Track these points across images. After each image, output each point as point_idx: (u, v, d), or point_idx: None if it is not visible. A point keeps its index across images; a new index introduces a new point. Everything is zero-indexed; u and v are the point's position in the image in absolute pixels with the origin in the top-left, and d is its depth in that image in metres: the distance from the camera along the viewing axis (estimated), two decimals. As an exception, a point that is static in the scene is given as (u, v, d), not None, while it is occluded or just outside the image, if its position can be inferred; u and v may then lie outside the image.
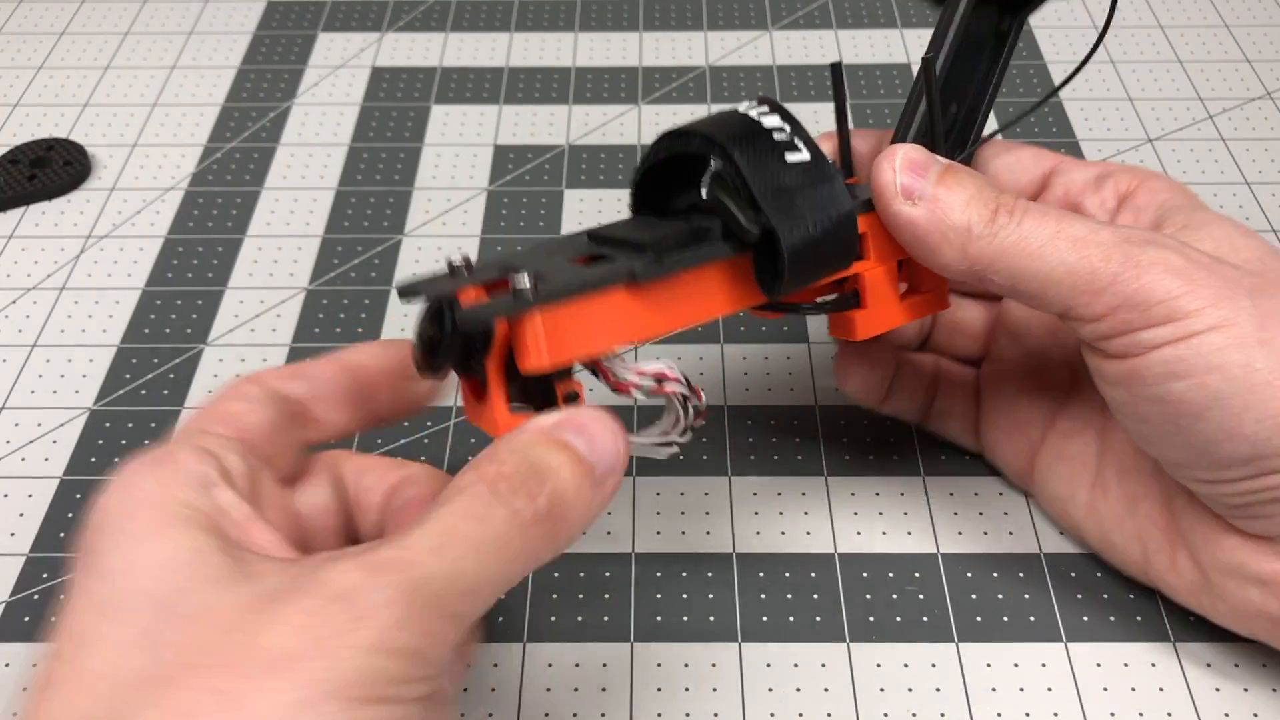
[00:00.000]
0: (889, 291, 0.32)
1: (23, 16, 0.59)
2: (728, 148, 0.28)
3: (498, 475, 0.24)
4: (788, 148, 0.29)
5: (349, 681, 0.21)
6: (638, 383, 0.29)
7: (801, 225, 0.28)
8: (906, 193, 0.29)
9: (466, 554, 0.23)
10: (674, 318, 0.29)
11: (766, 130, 0.29)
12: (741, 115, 0.30)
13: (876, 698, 0.32)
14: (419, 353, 0.27)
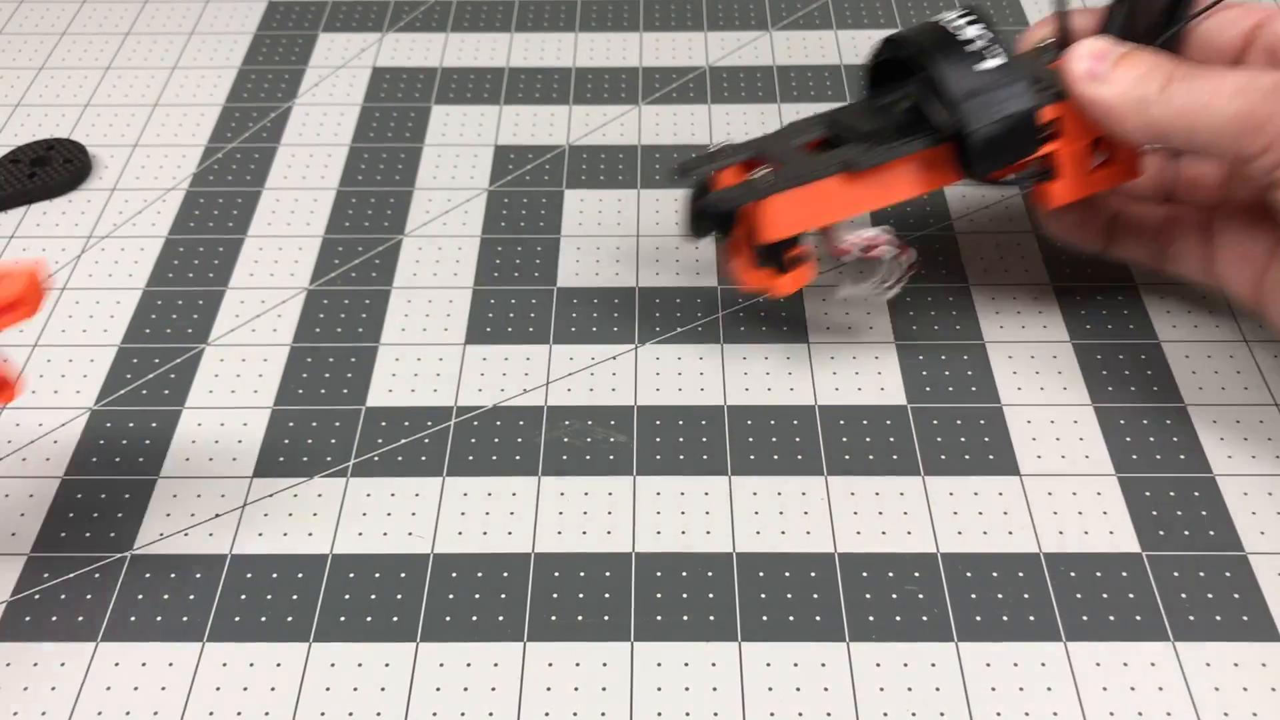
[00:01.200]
0: (1080, 166, 0.38)
1: (23, 16, 0.59)
2: (929, 58, 0.36)
3: None
4: (980, 57, 0.36)
5: None
6: (851, 246, 0.38)
7: (987, 123, 0.36)
8: (1091, 76, 0.35)
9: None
10: (882, 196, 0.37)
11: (963, 41, 0.37)
12: (943, 28, 0.37)
13: (876, 697, 0.32)
14: (687, 220, 0.38)
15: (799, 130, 0.39)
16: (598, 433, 0.39)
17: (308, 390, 0.41)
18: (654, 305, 0.44)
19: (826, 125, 0.38)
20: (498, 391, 0.41)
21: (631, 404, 0.40)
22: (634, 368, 0.41)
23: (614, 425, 0.39)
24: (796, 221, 0.37)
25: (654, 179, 0.49)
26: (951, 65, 0.36)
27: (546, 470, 0.38)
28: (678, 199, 0.48)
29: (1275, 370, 0.41)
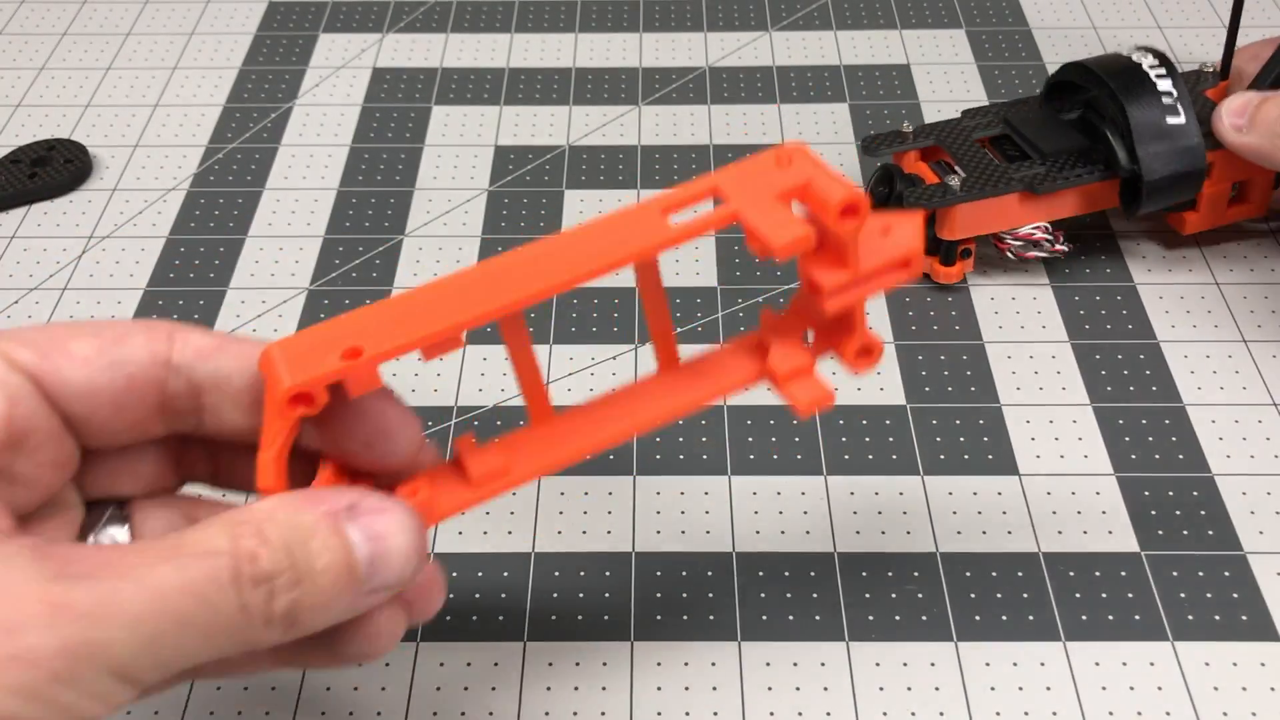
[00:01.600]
0: (1219, 203, 0.44)
1: (24, 17, 0.59)
2: (1127, 102, 0.41)
3: (251, 557, 0.21)
4: (1171, 111, 0.41)
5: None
6: (1013, 243, 0.43)
7: (1163, 173, 0.41)
8: (1235, 128, 0.40)
9: (169, 631, 0.20)
10: (1047, 212, 0.42)
11: (1159, 93, 0.41)
12: (1144, 73, 0.41)
13: (875, 696, 0.32)
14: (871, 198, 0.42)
15: (974, 121, 0.44)
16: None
17: (308, 390, 0.41)
18: (654, 305, 0.44)
19: (1000, 122, 0.44)
20: (498, 391, 0.41)
21: (631, 404, 0.40)
22: (634, 368, 0.41)
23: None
24: (976, 225, 0.42)
25: (654, 179, 0.49)
26: (1147, 117, 0.41)
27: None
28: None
29: (1274, 370, 0.41)
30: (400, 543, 0.23)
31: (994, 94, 0.53)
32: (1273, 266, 0.45)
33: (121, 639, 0.20)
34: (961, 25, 0.57)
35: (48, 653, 0.19)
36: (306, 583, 0.22)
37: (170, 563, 0.21)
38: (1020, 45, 0.56)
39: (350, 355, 0.23)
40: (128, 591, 0.20)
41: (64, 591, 0.20)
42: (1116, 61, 0.42)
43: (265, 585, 0.21)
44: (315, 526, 0.22)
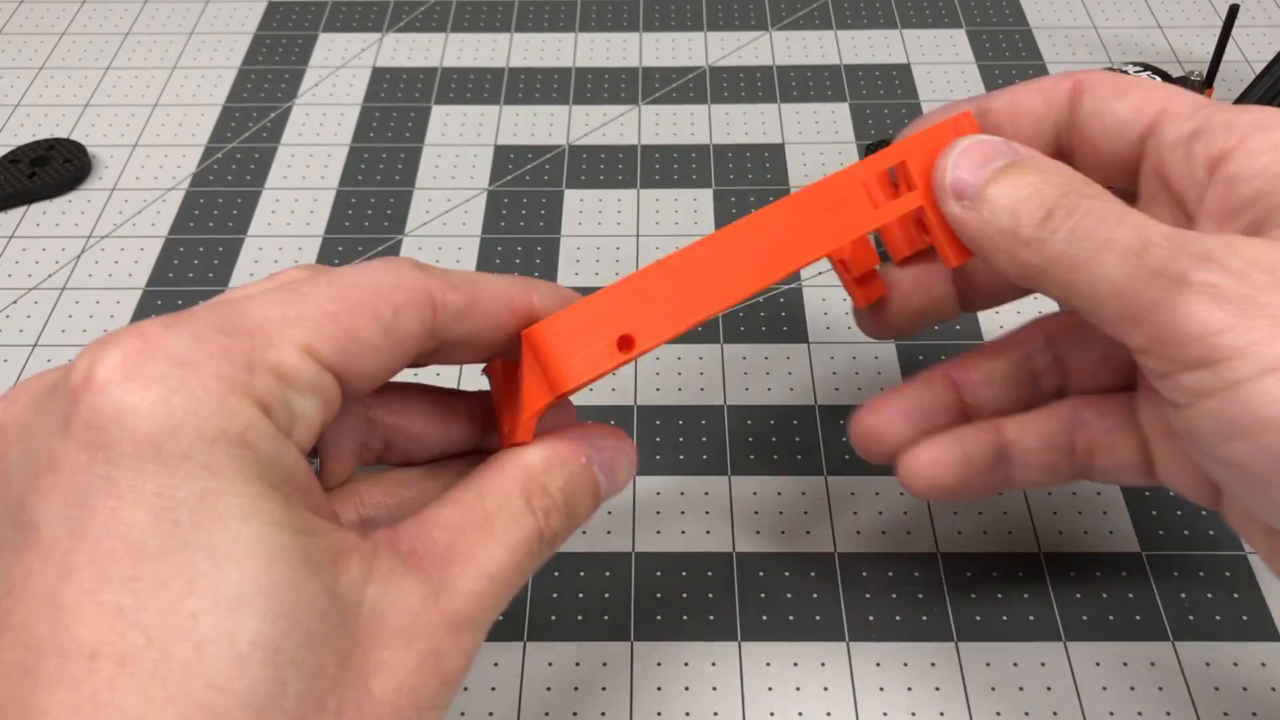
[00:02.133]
0: None
1: (23, 16, 0.59)
2: None
3: (546, 516, 0.24)
4: None
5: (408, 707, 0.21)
6: None
7: None
8: (957, 192, 0.27)
9: (505, 596, 0.23)
10: None
11: None
12: None
13: (876, 697, 0.32)
14: None
15: None
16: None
17: (308, 390, 0.41)
18: (654, 305, 0.44)
19: None
20: (498, 391, 0.41)
21: (632, 404, 0.40)
22: (634, 368, 0.41)
23: (613, 425, 0.39)
24: None
25: (654, 179, 0.49)
26: None
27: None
28: (677, 199, 0.48)
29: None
30: (625, 474, 0.26)
31: (994, 94, 0.53)
32: None
33: (486, 624, 0.23)
34: (962, 25, 0.57)
35: (461, 666, 0.22)
36: (576, 525, 0.25)
37: (498, 546, 0.23)
38: (1020, 45, 0.56)
39: (625, 346, 0.25)
40: (484, 582, 0.23)
41: (449, 605, 0.22)
42: None
43: (555, 537, 0.25)
44: (583, 477, 0.25)
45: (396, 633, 0.21)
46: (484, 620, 0.23)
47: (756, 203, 0.48)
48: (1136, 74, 0.42)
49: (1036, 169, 0.26)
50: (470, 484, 0.24)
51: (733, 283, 0.26)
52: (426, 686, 0.22)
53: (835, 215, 0.27)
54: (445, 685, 0.22)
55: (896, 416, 0.31)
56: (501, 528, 0.24)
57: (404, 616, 0.22)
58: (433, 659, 0.22)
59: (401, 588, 0.22)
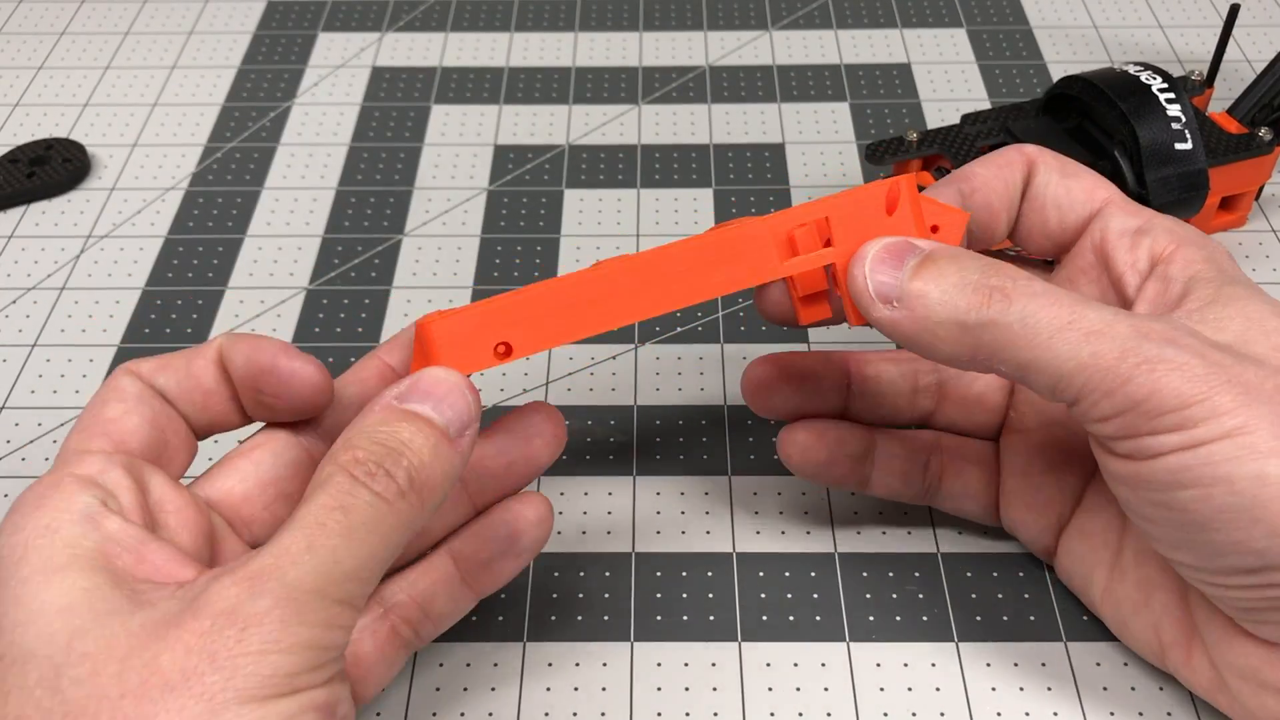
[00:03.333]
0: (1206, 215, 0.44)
1: (23, 16, 0.59)
2: (1138, 126, 0.40)
3: (353, 461, 0.25)
4: (1180, 138, 0.40)
5: (250, 685, 0.22)
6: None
7: (1168, 198, 0.40)
8: (882, 297, 0.28)
9: (338, 544, 0.24)
10: None
11: (1169, 118, 0.40)
12: (1154, 95, 0.40)
13: (876, 697, 0.32)
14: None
15: (975, 128, 0.44)
16: (598, 433, 0.39)
17: (307, 390, 0.41)
18: (654, 305, 0.43)
19: (1002, 130, 0.44)
20: (498, 391, 0.41)
21: (631, 404, 0.40)
22: (634, 368, 0.41)
23: (614, 425, 0.39)
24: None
25: (654, 179, 0.49)
26: (1157, 143, 0.40)
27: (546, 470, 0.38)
28: (677, 198, 0.48)
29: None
30: (446, 386, 0.26)
31: (995, 93, 0.53)
32: (1274, 266, 0.45)
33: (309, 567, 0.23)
34: (962, 24, 0.57)
35: (264, 608, 0.22)
36: (407, 453, 0.25)
37: (306, 504, 0.24)
38: (1021, 45, 0.56)
39: (503, 354, 0.28)
40: (286, 538, 0.24)
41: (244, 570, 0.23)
42: (1125, 80, 0.41)
43: (379, 471, 0.25)
44: (381, 418, 0.26)
45: (190, 616, 0.22)
46: (291, 564, 0.23)
47: (756, 202, 0.48)
48: (1137, 73, 0.42)
49: (949, 257, 0.28)
50: None
51: (620, 311, 0.28)
52: (225, 640, 0.22)
53: (740, 262, 0.29)
54: (248, 631, 0.22)
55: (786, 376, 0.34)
56: (307, 496, 0.25)
57: (199, 602, 0.23)
58: (226, 615, 0.22)
59: (206, 587, 0.23)
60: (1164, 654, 0.31)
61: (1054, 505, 0.33)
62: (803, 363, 0.34)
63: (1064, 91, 0.43)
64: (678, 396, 0.40)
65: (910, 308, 0.27)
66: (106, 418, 0.27)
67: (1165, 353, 0.26)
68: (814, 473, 0.34)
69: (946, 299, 0.27)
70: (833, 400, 0.34)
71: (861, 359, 0.35)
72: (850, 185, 0.48)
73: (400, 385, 0.26)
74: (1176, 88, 0.41)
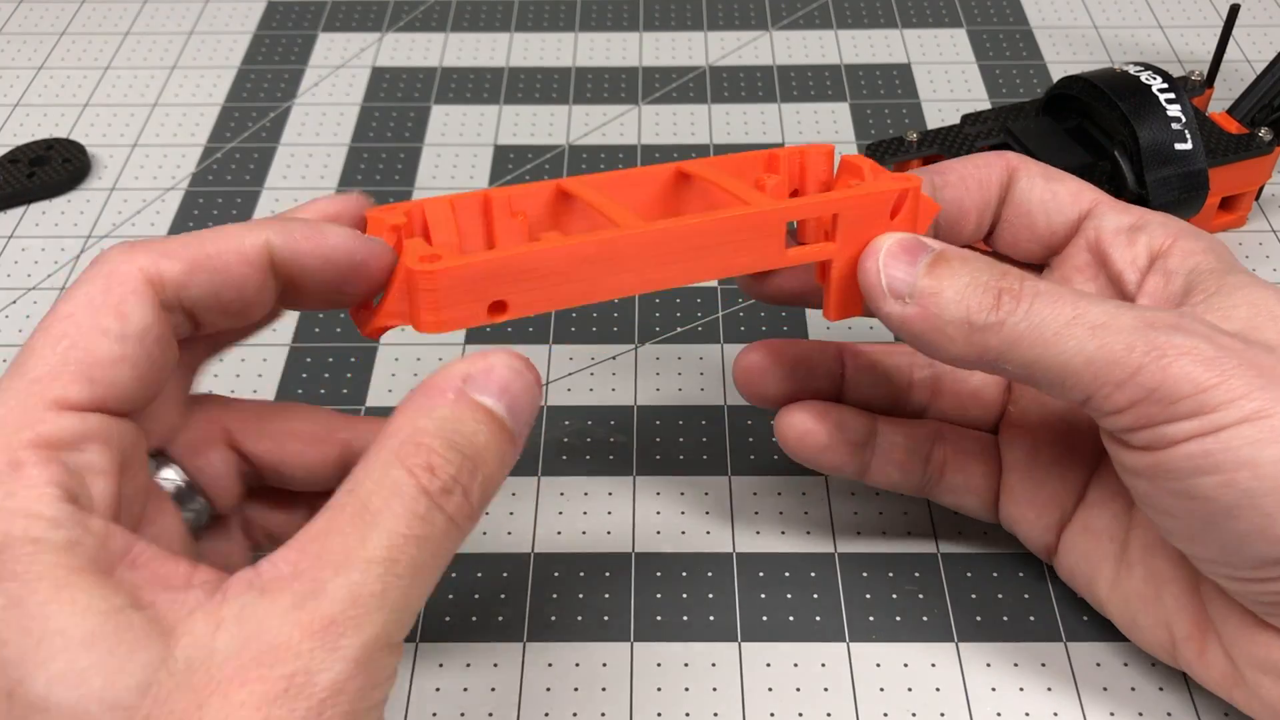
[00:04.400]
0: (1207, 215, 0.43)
1: (23, 16, 0.59)
2: (1139, 127, 0.40)
3: (428, 471, 0.22)
4: (1180, 138, 0.40)
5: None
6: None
7: (1168, 199, 0.40)
8: (894, 292, 0.28)
9: (409, 585, 0.21)
10: None
11: (1169, 118, 0.40)
12: (1154, 95, 0.40)
13: (876, 697, 0.32)
14: None
15: (975, 129, 0.44)
16: (598, 433, 0.39)
17: (307, 390, 0.41)
18: (654, 305, 0.43)
19: (1002, 131, 0.44)
20: (497, 391, 0.41)
21: (631, 404, 0.40)
22: (634, 368, 0.41)
23: (614, 425, 0.39)
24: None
25: (654, 179, 0.49)
26: (1157, 143, 0.40)
27: (546, 470, 0.38)
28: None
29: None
30: (522, 383, 0.24)
31: (995, 93, 0.53)
32: (1274, 266, 0.45)
33: (383, 619, 0.21)
34: (962, 24, 0.57)
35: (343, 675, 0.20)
36: (481, 462, 0.23)
37: (375, 528, 0.21)
38: (1021, 45, 0.56)
39: (496, 310, 0.26)
40: (360, 571, 0.21)
41: (314, 610, 0.20)
42: (1125, 80, 0.41)
43: (455, 487, 0.22)
44: (459, 412, 0.23)
45: (255, 665, 0.20)
46: (366, 616, 0.20)
47: (756, 202, 0.48)
48: (1137, 73, 0.42)
49: (961, 258, 0.28)
50: (345, 481, 0.22)
51: (623, 280, 0.27)
52: (294, 712, 0.20)
53: (749, 245, 0.28)
54: (324, 703, 0.20)
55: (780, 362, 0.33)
56: (376, 507, 0.21)
57: (262, 646, 0.20)
58: (300, 679, 0.20)
59: (259, 619, 0.20)
60: (1175, 650, 0.30)
61: (1056, 501, 0.33)
62: (796, 349, 0.33)
63: (1064, 92, 0.43)
64: (678, 396, 0.40)
65: (923, 304, 0.27)
66: (96, 358, 0.22)
67: (1174, 339, 0.25)
68: (811, 457, 0.33)
69: (959, 298, 0.27)
70: (827, 388, 0.34)
71: (856, 348, 0.34)
72: (850, 185, 0.48)
73: (470, 364, 0.23)
74: (1176, 88, 0.41)
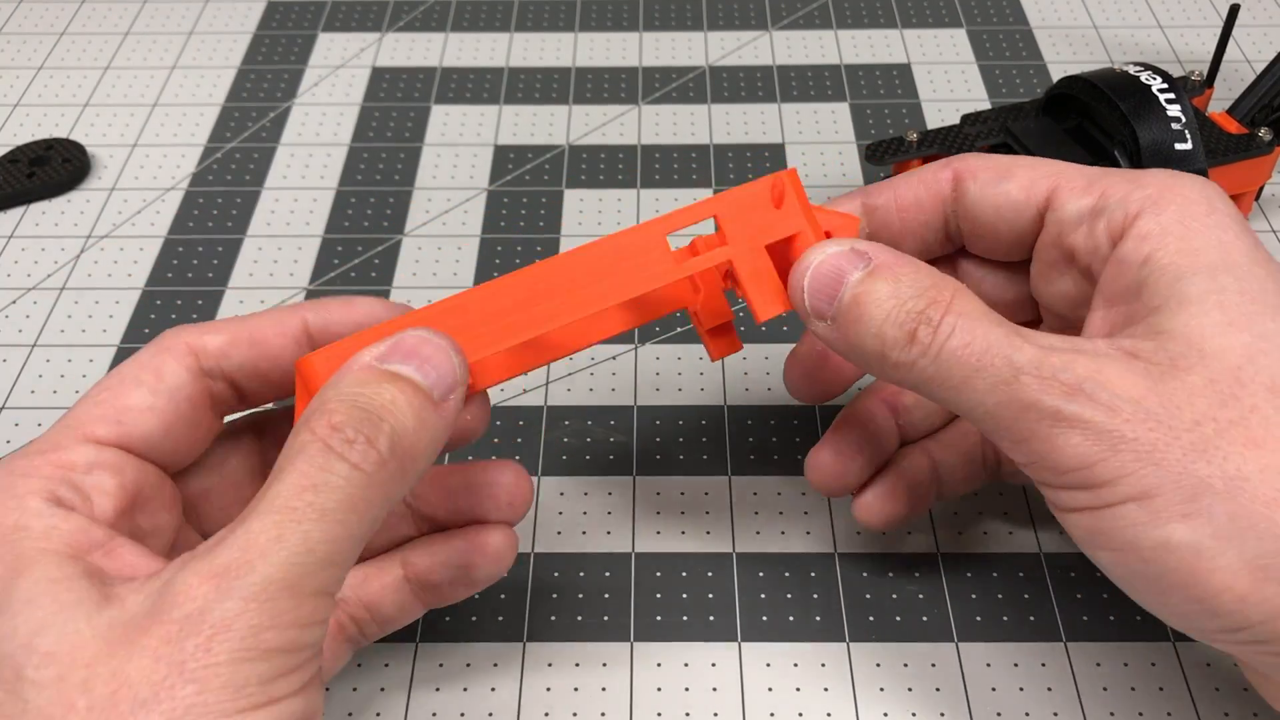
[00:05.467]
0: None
1: (23, 16, 0.59)
2: (1138, 127, 0.40)
3: (329, 429, 0.23)
4: (1180, 138, 0.40)
5: (221, 698, 0.21)
6: None
7: None
8: (817, 313, 0.27)
9: (313, 528, 0.22)
10: None
11: (1169, 118, 0.40)
12: (1154, 95, 0.40)
13: (876, 697, 0.32)
14: None
15: (975, 129, 0.44)
16: (598, 433, 0.39)
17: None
18: (654, 305, 0.43)
19: (1002, 131, 0.44)
20: (498, 391, 0.41)
21: (631, 404, 0.40)
22: (634, 368, 0.41)
23: (614, 425, 0.39)
24: None
25: (654, 179, 0.49)
26: (1157, 143, 0.40)
27: (546, 470, 0.38)
28: (677, 199, 0.48)
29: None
30: (431, 347, 0.25)
31: (995, 93, 0.53)
32: (1274, 266, 0.45)
33: (282, 559, 0.22)
34: (962, 24, 0.57)
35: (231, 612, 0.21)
36: (388, 414, 0.23)
37: (277, 482, 0.22)
38: (1021, 45, 0.56)
39: None
40: (256, 525, 0.22)
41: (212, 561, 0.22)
42: (1125, 80, 0.41)
43: (357, 437, 0.23)
44: (361, 378, 0.24)
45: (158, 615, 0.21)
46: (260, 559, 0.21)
47: (756, 202, 0.48)
48: (1137, 73, 0.42)
49: (891, 279, 0.26)
50: None
51: (508, 329, 0.27)
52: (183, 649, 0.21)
53: (633, 267, 0.28)
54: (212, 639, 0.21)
55: (851, 456, 0.32)
56: (281, 466, 0.23)
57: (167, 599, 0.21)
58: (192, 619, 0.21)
59: (172, 580, 0.22)
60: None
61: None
62: (855, 433, 0.32)
63: (1064, 92, 0.43)
64: (678, 396, 0.40)
65: (843, 330, 0.27)
66: (127, 405, 0.26)
67: (1068, 409, 0.24)
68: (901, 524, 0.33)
69: (876, 331, 0.26)
70: (889, 445, 0.33)
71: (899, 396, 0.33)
72: (851, 186, 0.48)
73: (380, 345, 0.25)
74: (1176, 88, 0.41)
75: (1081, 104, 0.43)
